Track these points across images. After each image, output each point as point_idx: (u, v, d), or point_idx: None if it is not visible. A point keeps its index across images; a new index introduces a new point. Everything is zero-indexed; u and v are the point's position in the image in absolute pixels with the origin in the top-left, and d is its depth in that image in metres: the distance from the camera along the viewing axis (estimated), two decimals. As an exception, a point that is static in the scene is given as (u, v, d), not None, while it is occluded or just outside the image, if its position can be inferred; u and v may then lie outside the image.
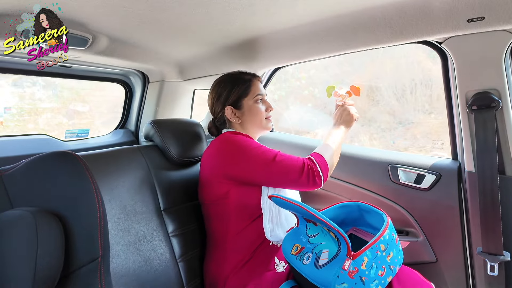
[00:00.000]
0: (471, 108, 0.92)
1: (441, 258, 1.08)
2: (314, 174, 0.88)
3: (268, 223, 0.93)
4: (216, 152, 0.95)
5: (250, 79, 1.06)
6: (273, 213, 0.95)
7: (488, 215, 0.93)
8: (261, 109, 1.05)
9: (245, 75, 1.08)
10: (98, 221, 0.64)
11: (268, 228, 0.93)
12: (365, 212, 0.90)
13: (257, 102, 1.05)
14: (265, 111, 1.07)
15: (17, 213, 0.56)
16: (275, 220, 0.95)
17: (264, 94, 1.07)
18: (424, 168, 1.09)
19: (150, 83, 1.54)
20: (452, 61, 0.94)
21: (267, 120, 1.08)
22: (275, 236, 0.93)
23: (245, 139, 0.94)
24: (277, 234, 0.94)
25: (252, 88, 1.05)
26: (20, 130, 1.72)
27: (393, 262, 0.75)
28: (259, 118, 1.05)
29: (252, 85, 1.05)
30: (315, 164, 0.89)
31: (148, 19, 0.91)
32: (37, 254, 0.52)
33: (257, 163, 0.89)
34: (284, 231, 0.94)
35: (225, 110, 1.04)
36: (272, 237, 0.93)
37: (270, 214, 0.94)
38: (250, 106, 1.04)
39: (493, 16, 0.80)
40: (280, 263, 0.90)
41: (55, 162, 0.67)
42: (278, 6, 0.89)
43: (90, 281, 0.62)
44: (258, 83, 1.07)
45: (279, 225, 0.95)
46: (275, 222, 0.94)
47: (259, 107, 1.05)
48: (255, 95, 1.04)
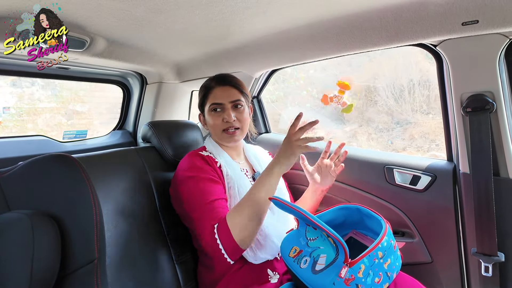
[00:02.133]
0: (466, 110, 0.93)
1: (436, 259, 1.09)
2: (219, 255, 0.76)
3: (248, 252, 0.86)
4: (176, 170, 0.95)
5: (211, 86, 0.99)
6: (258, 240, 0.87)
7: (482, 216, 0.94)
8: (214, 120, 0.96)
9: (211, 81, 1.01)
10: (95, 223, 0.65)
11: (250, 254, 0.86)
12: (364, 216, 0.90)
13: (212, 111, 0.97)
14: (223, 121, 0.96)
15: (13, 215, 0.57)
16: (253, 244, 0.87)
17: (224, 103, 0.96)
18: (419, 169, 1.10)
19: (148, 84, 1.55)
20: (447, 63, 0.95)
21: (225, 134, 0.96)
22: (261, 258, 0.87)
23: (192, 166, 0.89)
24: (264, 256, 0.87)
25: (210, 95, 0.98)
26: (19, 130, 1.73)
27: (390, 269, 0.74)
28: (214, 129, 0.98)
29: (210, 92, 0.98)
30: (218, 245, 0.75)
31: (146, 21, 0.92)
32: (34, 256, 0.53)
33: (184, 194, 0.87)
34: (271, 253, 0.88)
35: (198, 116, 1.06)
36: (258, 261, 0.87)
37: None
38: (208, 115, 0.99)
39: (487, 19, 0.80)
40: (274, 274, 0.87)
41: (52, 165, 0.67)
42: (274, 9, 0.89)
43: (87, 283, 0.62)
44: (221, 90, 0.97)
45: (261, 249, 0.87)
46: (254, 246, 0.87)
47: (213, 117, 0.97)
48: (210, 104, 0.97)
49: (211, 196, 0.83)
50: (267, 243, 0.87)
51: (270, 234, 0.88)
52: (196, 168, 0.89)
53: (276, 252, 0.90)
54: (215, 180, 0.88)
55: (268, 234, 0.88)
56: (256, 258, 0.86)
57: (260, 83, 1.46)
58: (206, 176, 0.87)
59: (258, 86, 1.47)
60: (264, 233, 0.88)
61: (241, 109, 0.98)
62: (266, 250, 0.87)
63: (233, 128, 0.96)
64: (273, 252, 0.89)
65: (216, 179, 0.89)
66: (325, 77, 2.49)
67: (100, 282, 0.64)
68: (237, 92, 0.99)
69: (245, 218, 0.77)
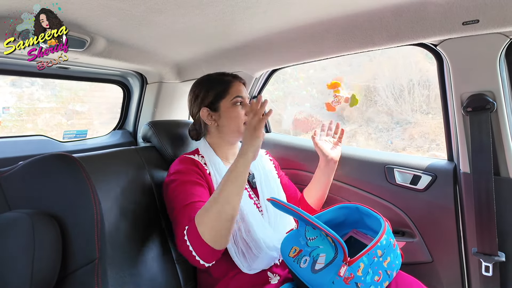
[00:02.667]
0: (466, 110, 0.93)
1: (436, 259, 1.09)
2: (192, 259, 0.71)
3: (238, 258, 0.84)
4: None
5: (230, 80, 0.99)
6: (241, 246, 0.85)
7: (483, 216, 0.94)
8: (239, 113, 0.96)
9: (225, 76, 1.01)
10: (95, 222, 0.65)
11: (244, 265, 0.84)
12: (364, 215, 0.90)
13: (236, 104, 0.96)
14: (245, 115, 0.96)
15: (14, 215, 0.57)
16: (247, 255, 0.84)
17: (245, 97, 0.99)
18: (420, 169, 1.10)
19: (148, 84, 1.54)
20: (448, 63, 0.95)
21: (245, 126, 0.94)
22: (256, 269, 0.85)
23: (178, 170, 0.88)
24: (259, 267, 0.85)
25: (231, 89, 0.97)
26: (18, 130, 1.72)
27: (390, 267, 0.75)
28: (237, 122, 0.96)
29: (231, 86, 0.98)
30: (188, 247, 0.70)
31: (146, 21, 0.91)
32: (34, 256, 0.53)
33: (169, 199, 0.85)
34: (267, 263, 0.86)
35: (201, 112, 0.98)
36: (253, 271, 0.85)
37: (236, 249, 0.84)
38: (228, 109, 0.96)
39: (487, 19, 0.80)
40: (274, 276, 0.87)
41: (53, 164, 0.67)
42: (275, 9, 0.89)
43: (87, 283, 0.62)
44: (240, 85, 0.99)
45: (254, 259, 0.84)
46: (247, 256, 0.84)
47: (237, 110, 0.96)
48: (234, 97, 0.96)
49: (190, 198, 0.80)
50: (262, 254, 0.84)
51: (265, 245, 0.85)
52: (182, 172, 0.87)
53: (272, 261, 0.88)
54: (198, 183, 0.86)
55: (263, 246, 0.85)
56: (250, 269, 0.85)
57: (261, 83, 1.46)
58: (189, 179, 0.85)
59: (258, 86, 1.47)
60: (259, 245, 0.84)
61: None
62: (261, 261, 0.85)
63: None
64: (269, 262, 0.87)
65: (200, 182, 0.86)
66: (325, 77, 2.50)
67: (101, 282, 0.64)
68: (246, 90, 1.02)
69: (213, 217, 0.71)
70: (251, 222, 0.86)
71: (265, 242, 0.86)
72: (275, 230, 0.93)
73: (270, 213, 0.95)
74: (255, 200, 0.97)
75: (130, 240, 0.87)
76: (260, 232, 0.86)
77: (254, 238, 0.84)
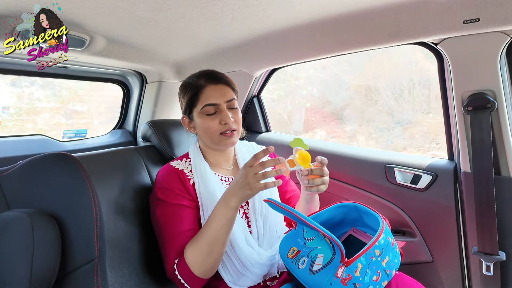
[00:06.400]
0: (467, 109, 0.93)
1: (437, 258, 1.09)
2: (182, 286, 0.74)
3: (226, 274, 0.80)
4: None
5: (201, 85, 0.86)
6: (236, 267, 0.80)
7: (483, 215, 0.94)
8: (209, 124, 0.84)
9: (198, 79, 0.87)
10: (95, 222, 0.65)
11: (229, 279, 0.80)
12: (363, 213, 0.90)
13: (204, 114, 0.85)
14: (220, 123, 0.84)
15: (13, 214, 0.56)
16: (234, 275, 0.81)
17: (220, 103, 0.85)
18: (420, 168, 1.09)
19: (148, 83, 1.54)
20: (448, 62, 0.94)
21: (223, 137, 0.85)
22: (243, 286, 0.81)
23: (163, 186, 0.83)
24: (245, 284, 0.81)
25: (202, 95, 0.85)
26: (18, 130, 1.72)
27: (389, 266, 0.74)
28: (208, 134, 0.85)
29: (201, 92, 0.85)
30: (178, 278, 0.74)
31: (146, 20, 0.91)
32: (33, 256, 0.53)
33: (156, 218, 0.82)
34: (255, 280, 0.82)
35: (182, 119, 0.92)
36: (238, 287, 0.81)
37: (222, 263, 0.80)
38: (198, 119, 0.86)
39: (488, 17, 0.80)
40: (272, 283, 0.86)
41: (52, 163, 0.67)
42: (274, 8, 0.89)
43: (87, 282, 0.62)
44: (213, 89, 0.85)
45: (242, 277, 0.81)
46: (234, 276, 0.81)
47: (206, 121, 0.84)
48: (203, 106, 0.84)
49: (178, 226, 0.78)
50: (248, 273, 0.81)
51: (252, 263, 0.80)
52: (169, 190, 0.82)
53: (260, 279, 0.84)
54: (184, 206, 0.82)
55: (249, 265, 0.80)
56: (239, 283, 0.82)
57: (260, 82, 1.46)
58: (177, 202, 0.81)
59: (258, 85, 1.47)
60: (244, 264, 0.80)
61: (236, 109, 0.89)
62: (249, 278, 0.81)
63: (231, 130, 0.85)
64: (256, 279, 0.83)
65: (186, 204, 0.82)
66: (325, 76, 2.50)
67: (100, 282, 0.64)
68: (230, 90, 0.88)
69: (203, 254, 0.73)
70: (237, 241, 0.80)
71: (252, 259, 0.81)
72: (262, 248, 0.86)
73: (259, 225, 0.87)
74: (245, 208, 0.89)
75: (129, 240, 0.87)
76: (246, 250, 0.81)
77: (241, 259, 0.80)
